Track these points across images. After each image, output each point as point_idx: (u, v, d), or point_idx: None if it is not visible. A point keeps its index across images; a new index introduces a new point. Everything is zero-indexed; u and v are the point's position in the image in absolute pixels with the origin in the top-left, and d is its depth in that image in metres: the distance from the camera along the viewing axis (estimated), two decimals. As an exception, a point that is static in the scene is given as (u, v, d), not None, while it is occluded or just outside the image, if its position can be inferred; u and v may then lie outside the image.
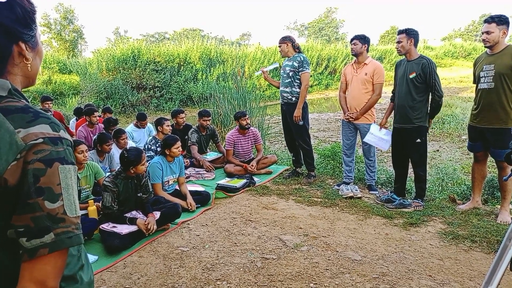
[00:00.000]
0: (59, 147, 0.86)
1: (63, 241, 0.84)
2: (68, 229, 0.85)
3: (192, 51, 19.52)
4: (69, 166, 0.87)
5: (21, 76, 0.96)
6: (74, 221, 0.87)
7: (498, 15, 3.54)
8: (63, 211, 0.84)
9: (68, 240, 0.85)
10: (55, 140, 0.86)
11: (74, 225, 0.87)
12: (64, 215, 0.85)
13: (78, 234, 0.88)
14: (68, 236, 0.85)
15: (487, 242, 3.24)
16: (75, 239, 0.87)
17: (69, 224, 0.85)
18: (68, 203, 0.86)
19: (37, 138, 0.83)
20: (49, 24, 33.40)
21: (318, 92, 22.13)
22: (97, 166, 4.10)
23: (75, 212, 0.88)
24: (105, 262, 3.08)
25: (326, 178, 5.31)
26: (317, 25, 57.21)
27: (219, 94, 8.23)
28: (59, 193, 0.84)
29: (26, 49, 0.94)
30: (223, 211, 4.17)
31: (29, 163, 0.82)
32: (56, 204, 0.84)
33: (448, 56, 32.74)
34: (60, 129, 0.89)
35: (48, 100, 7.45)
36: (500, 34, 3.52)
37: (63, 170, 0.86)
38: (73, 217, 0.87)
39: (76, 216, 0.88)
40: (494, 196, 4.27)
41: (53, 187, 0.83)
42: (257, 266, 2.94)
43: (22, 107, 0.88)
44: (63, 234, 0.84)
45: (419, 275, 2.78)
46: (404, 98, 4.03)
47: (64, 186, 0.85)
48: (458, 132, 8.61)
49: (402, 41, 3.98)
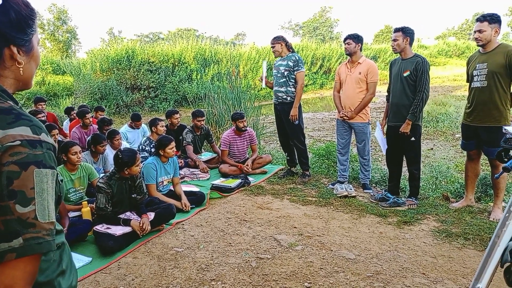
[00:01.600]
0: (37, 150, 0.85)
1: (32, 247, 0.82)
2: (38, 234, 0.83)
3: (186, 51, 19.48)
4: (46, 170, 0.86)
5: (12, 78, 0.95)
6: (46, 227, 0.85)
7: (489, 14, 3.56)
8: (34, 216, 0.83)
9: (38, 246, 0.83)
10: (33, 143, 0.85)
11: (46, 231, 0.85)
12: (35, 220, 0.83)
13: (49, 240, 0.85)
14: (38, 242, 0.83)
15: (480, 239, 3.26)
16: (45, 246, 0.84)
17: (39, 230, 0.83)
18: (40, 208, 0.84)
19: (14, 140, 0.82)
20: (43, 25, 33.17)
21: (313, 91, 22.16)
22: (90, 167, 4.08)
23: (47, 217, 0.85)
24: (99, 264, 3.06)
25: (321, 177, 5.32)
26: (311, 24, 57.31)
27: (213, 94, 8.23)
28: (32, 198, 0.83)
29: (19, 53, 0.94)
30: (217, 211, 4.17)
31: (4, 165, 0.80)
32: (27, 208, 0.82)
33: (442, 54, 32.92)
34: (41, 132, 0.88)
35: (41, 101, 7.39)
36: (492, 32, 3.54)
37: (39, 174, 0.84)
38: (45, 222, 0.85)
39: (49, 222, 0.86)
40: (487, 194, 4.30)
41: (26, 191, 0.82)
42: (252, 266, 2.94)
43: (6, 108, 0.87)
44: (32, 240, 0.82)
45: (412, 273, 2.80)
46: (399, 96, 4.05)
47: (38, 191, 0.84)
48: (451, 130, 8.66)
49: (398, 39, 4.00)
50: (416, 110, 3.89)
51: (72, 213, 3.71)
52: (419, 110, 3.91)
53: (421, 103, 3.87)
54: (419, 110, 3.91)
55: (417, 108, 3.88)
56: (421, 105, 3.88)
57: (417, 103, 3.87)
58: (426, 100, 3.90)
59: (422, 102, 3.87)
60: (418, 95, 3.87)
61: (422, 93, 3.85)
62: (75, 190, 3.88)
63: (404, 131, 3.94)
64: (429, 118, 9.82)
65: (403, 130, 3.94)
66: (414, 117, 3.92)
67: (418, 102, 3.87)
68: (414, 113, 3.90)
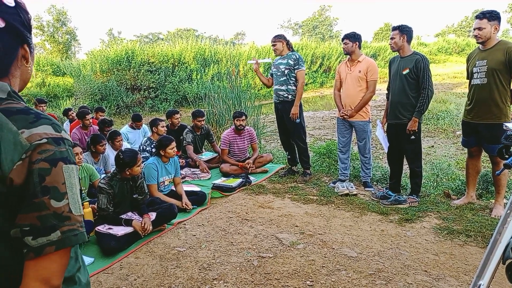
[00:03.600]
0: (62, 147, 0.88)
1: (70, 239, 0.85)
2: (73, 227, 0.87)
3: (186, 51, 19.47)
4: (72, 166, 0.89)
5: (20, 79, 0.98)
6: (79, 219, 0.89)
7: (489, 11, 3.56)
8: (68, 209, 0.86)
9: (74, 237, 0.86)
10: (57, 140, 0.87)
11: (79, 223, 0.89)
12: (69, 213, 0.86)
13: (83, 231, 0.90)
14: (74, 234, 0.86)
15: (481, 236, 3.26)
16: (81, 237, 0.88)
17: (74, 222, 0.87)
18: (72, 201, 0.87)
19: (41, 139, 0.84)
20: (42, 27, 33.20)
21: (313, 90, 22.16)
22: (92, 168, 4.08)
23: (79, 210, 0.89)
24: (101, 264, 3.07)
25: (322, 176, 5.33)
26: (311, 23, 57.28)
27: (214, 94, 8.23)
28: (64, 192, 0.86)
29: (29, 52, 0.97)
30: (219, 211, 4.17)
31: (34, 163, 0.83)
32: (62, 202, 0.85)
33: (441, 52, 32.88)
34: (61, 129, 0.91)
35: (42, 102, 7.41)
36: (492, 29, 3.54)
37: (67, 169, 0.87)
38: (77, 215, 0.88)
39: (80, 214, 0.90)
40: (489, 190, 4.30)
41: (58, 186, 0.85)
42: (254, 265, 2.94)
43: (23, 109, 0.89)
44: (69, 232, 0.85)
45: (414, 271, 2.80)
46: (398, 94, 4.04)
47: (69, 185, 0.87)
48: (452, 127, 8.65)
49: (395, 38, 4.00)
50: (422, 107, 3.90)
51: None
52: (425, 108, 3.92)
53: (426, 100, 3.87)
54: (425, 108, 3.92)
55: (423, 106, 3.89)
56: (426, 102, 3.88)
57: (423, 101, 3.88)
58: (431, 97, 3.90)
59: (427, 99, 3.87)
60: (422, 92, 3.87)
61: (427, 89, 3.85)
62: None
63: (412, 129, 3.94)
64: (430, 116, 9.81)
65: (410, 127, 3.94)
66: (420, 115, 3.93)
67: (423, 100, 3.87)
68: (421, 111, 3.92)
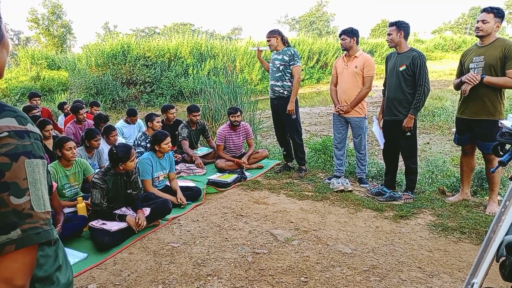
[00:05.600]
0: (26, 140, 0.84)
1: (31, 237, 0.82)
2: (35, 224, 0.83)
3: (182, 46, 19.38)
4: (36, 160, 0.85)
5: None
6: (43, 216, 0.85)
7: (497, 7, 3.53)
8: (30, 206, 0.82)
9: (36, 236, 0.83)
10: (21, 133, 0.84)
11: (43, 221, 0.85)
12: (31, 211, 0.83)
13: (47, 229, 0.86)
14: (36, 232, 0.83)
15: (476, 233, 3.27)
16: (44, 235, 0.84)
17: (36, 220, 0.83)
18: (35, 198, 0.84)
19: (1, 132, 0.81)
20: (37, 20, 32.87)
21: (310, 86, 22.15)
22: (86, 163, 4.05)
23: (43, 207, 0.85)
24: (95, 260, 3.05)
25: (317, 172, 5.32)
26: (308, 19, 57.16)
27: (210, 89, 8.19)
28: (26, 188, 0.82)
29: None
30: (214, 207, 4.16)
31: None
32: (22, 199, 0.81)
33: (438, 49, 32.94)
34: (27, 122, 0.87)
35: (36, 96, 7.32)
36: (494, 26, 3.53)
37: (30, 164, 0.84)
38: (41, 212, 0.84)
39: (45, 211, 0.86)
40: (483, 187, 4.31)
41: (18, 182, 0.81)
42: (248, 261, 2.94)
43: None
44: (30, 230, 0.82)
45: (409, 267, 2.80)
46: (394, 90, 4.04)
47: (31, 181, 0.83)
48: (448, 124, 8.68)
49: (392, 34, 3.98)
50: (418, 104, 3.89)
51: (67, 209, 3.69)
52: (421, 104, 3.92)
53: (423, 97, 3.87)
54: (422, 104, 3.92)
55: (419, 103, 3.89)
56: (423, 99, 3.88)
57: (419, 97, 3.87)
58: (427, 94, 3.89)
59: (424, 95, 3.87)
60: (419, 89, 3.86)
61: (423, 87, 3.84)
62: (70, 185, 3.86)
63: (408, 126, 3.94)
64: (426, 112, 9.83)
65: (407, 124, 3.94)
66: (416, 111, 3.93)
67: (420, 96, 3.87)
68: (417, 108, 3.91)
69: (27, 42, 41.16)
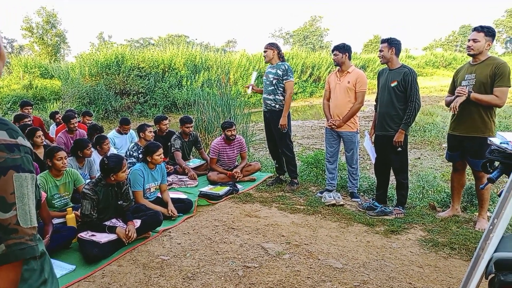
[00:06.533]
0: (16, 154, 0.83)
1: (15, 253, 0.80)
2: (20, 240, 0.81)
3: (177, 57, 19.46)
4: (25, 174, 0.84)
5: None
6: (29, 232, 0.83)
7: (487, 26, 3.61)
8: (15, 221, 0.81)
9: (20, 252, 0.81)
10: (11, 147, 0.82)
11: (28, 236, 0.83)
12: (17, 226, 0.81)
13: (33, 245, 0.84)
14: (21, 248, 0.81)
15: (466, 249, 3.29)
16: (29, 251, 0.83)
17: (22, 235, 0.82)
18: (22, 213, 0.82)
19: None
20: (31, 28, 32.84)
21: (303, 99, 22.30)
22: (76, 173, 4.01)
23: (30, 222, 0.84)
24: (83, 272, 3.00)
25: (309, 186, 5.33)
26: (302, 33, 57.88)
27: (203, 101, 8.20)
28: (12, 203, 0.81)
29: None
30: (205, 219, 4.13)
31: None
32: (8, 214, 0.80)
33: (429, 65, 33.50)
34: (18, 135, 0.86)
35: (28, 105, 7.27)
36: (485, 45, 3.60)
37: (18, 178, 0.82)
38: (27, 228, 0.83)
39: (31, 226, 0.84)
40: (473, 203, 4.34)
41: (6, 196, 0.80)
42: (239, 275, 2.91)
43: None
44: (15, 246, 0.80)
45: (399, 283, 2.80)
46: (386, 106, 4.08)
47: (19, 195, 0.82)
48: (439, 140, 8.77)
49: (384, 50, 4.04)
50: (409, 120, 3.95)
51: (56, 219, 3.64)
52: (412, 120, 3.97)
53: (413, 112, 3.92)
54: (412, 120, 3.98)
55: (410, 118, 3.94)
56: (413, 114, 3.93)
57: (410, 113, 3.92)
58: (418, 110, 3.95)
59: (414, 111, 3.92)
60: (410, 105, 3.91)
61: (414, 103, 3.90)
62: (60, 196, 3.81)
63: (398, 140, 3.98)
64: (417, 128, 9.94)
65: (397, 139, 3.98)
66: (407, 127, 3.97)
67: (410, 112, 3.92)
68: (407, 123, 3.96)
69: (21, 50, 41.06)
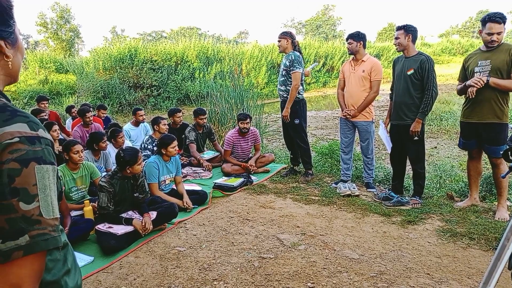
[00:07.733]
0: (37, 146, 0.83)
1: (39, 244, 0.81)
2: (44, 231, 0.82)
3: (189, 50, 19.49)
4: (47, 166, 0.84)
5: (2, 74, 0.93)
6: (51, 223, 0.84)
7: (500, 14, 3.49)
8: (38, 212, 0.82)
9: (44, 242, 0.82)
10: (32, 139, 0.83)
11: (51, 227, 0.84)
12: (40, 217, 0.82)
13: (56, 236, 0.85)
14: (44, 239, 0.82)
15: (485, 239, 3.23)
16: (52, 242, 0.84)
17: (45, 226, 0.83)
18: (44, 204, 0.83)
19: (12, 137, 0.80)
20: (46, 24, 33.27)
21: (316, 89, 22.14)
22: (92, 166, 4.06)
23: (52, 213, 0.85)
24: (101, 263, 3.05)
25: (324, 176, 5.29)
26: (314, 22, 57.21)
27: (216, 93, 8.21)
28: (35, 194, 0.82)
29: (6, 46, 0.91)
30: (220, 211, 4.15)
31: (4, 163, 0.79)
32: (32, 205, 0.81)
33: (445, 53, 32.81)
34: (38, 127, 0.86)
35: (44, 100, 7.38)
36: (504, 33, 3.54)
37: (40, 170, 0.83)
38: (49, 218, 0.84)
39: (54, 218, 0.85)
40: (492, 193, 4.25)
41: (28, 188, 0.81)
42: (254, 266, 2.92)
43: (0, 106, 0.85)
44: (39, 237, 0.81)
45: (417, 273, 2.76)
46: (402, 95, 4.01)
47: (41, 187, 0.83)
48: (455, 129, 8.60)
49: (400, 38, 3.96)
50: (426, 108, 3.87)
51: (74, 212, 3.71)
52: (429, 109, 3.89)
53: (430, 101, 3.84)
54: (429, 109, 3.89)
55: (427, 107, 3.86)
56: (430, 103, 3.85)
57: (427, 102, 3.84)
58: (435, 98, 3.86)
59: (431, 100, 3.84)
60: (427, 93, 3.83)
61: (431, 91, 3.81)
62: (77, 189, 3.87)
63: (415, 130, 3.91)
64: (433, 117, 9.77)
65: (414, 129, 3.91)
66: (424, 116, 3.90)
67: (427, 101, 3.84)
68: (424, 112, 3.88)
69: (36, 46, 41.65)
